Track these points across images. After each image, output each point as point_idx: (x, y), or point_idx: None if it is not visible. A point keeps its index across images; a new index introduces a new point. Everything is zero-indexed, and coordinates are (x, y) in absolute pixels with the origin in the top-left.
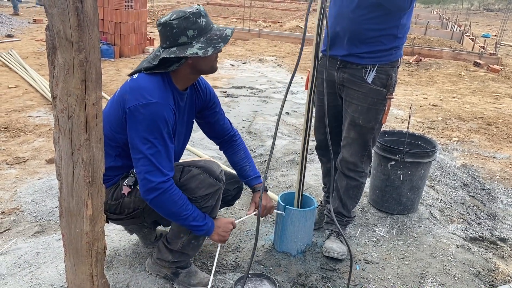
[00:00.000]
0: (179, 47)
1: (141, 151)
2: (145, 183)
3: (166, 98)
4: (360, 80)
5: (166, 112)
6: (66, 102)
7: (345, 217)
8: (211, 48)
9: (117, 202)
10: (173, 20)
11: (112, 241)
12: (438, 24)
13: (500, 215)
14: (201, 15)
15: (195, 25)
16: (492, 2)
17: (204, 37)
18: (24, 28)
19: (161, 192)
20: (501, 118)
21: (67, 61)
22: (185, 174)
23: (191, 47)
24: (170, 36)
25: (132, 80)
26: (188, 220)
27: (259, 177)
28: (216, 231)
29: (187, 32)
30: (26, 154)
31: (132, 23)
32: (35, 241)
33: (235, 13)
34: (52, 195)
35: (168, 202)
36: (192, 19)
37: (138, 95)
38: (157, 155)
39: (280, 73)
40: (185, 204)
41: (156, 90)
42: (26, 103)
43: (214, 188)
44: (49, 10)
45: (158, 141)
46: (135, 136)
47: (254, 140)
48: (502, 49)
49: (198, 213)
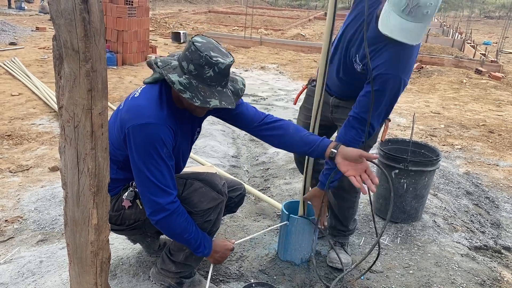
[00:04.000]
0: (176, 66)
1: (143, 172)
2: (152, 204)
3: (164, 117)
4: None
5: (163, 132)
6: (72, 111)
7: (345, 232)
8: (190, 94)
9: (118, 214)
10: (194, 45)
11: (116, 249)
12: (439, 31)
13: (504, 223)
14: (214, 69)
15: (199, 68)
16: (493, 10)
17: (197, 82)
18: (27, 36)
19: (169, 214)
20: (504, 126)
21: (74, 71)
22: (187, 187)
23: (179, 75)
24: (183, 53)
25: (133, 98)
26: (188, 242)
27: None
28: (213, 255)
29: (190, 65)
30: (29, 162)
31: (134, 31)
32: (39, 249)
33: (236, 21)
34: (56, 203)
35: (173, 223)
36: (202, 62)
37: (136, 116)
38: (159, 176)
39: (282, 80)
40: (189, 226)
41: (153, 110)
42: (29, 111)
43: (216, 201)
44: (56, 20)
45: (158, 162)
46: (135, 157)
47: (256, 148)
48: (504, 57)
49: (198, 235)
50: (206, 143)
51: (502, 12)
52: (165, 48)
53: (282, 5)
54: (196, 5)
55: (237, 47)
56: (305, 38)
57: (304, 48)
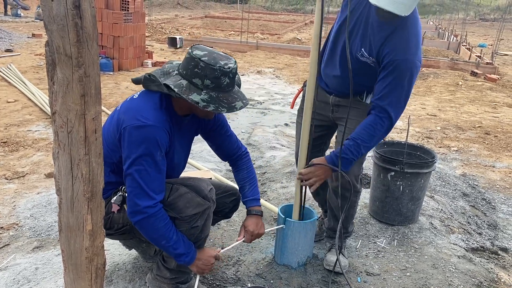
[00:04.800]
0: (190, 85)
1: (131, 172)
2: (132, 205)
3: (162, 120)
4: (358, 101)
5: (159, 135)
6: (66, 117)
7: (343, 234)
8: (214, 106)
9: (107, 217)
10: (201, 61)
11: (111, 255)
12: (435, 34)
13: (501, 224)
14: (228, 76)
15: (216, 80)
16: (488, 12)
17: (216, 93)
18: (23, 43)
19: (145, 217)
20: (499, 127)
21: (67, 77)
22: (173, 193)
23: (198, 93)
24: (190, 70)
25: (131, 99)
26: (166, 249)
27: (256, 199)
28: (195, 263)
29: (205, 80)
30: (25, 168)
31: (130, 36)
32: (34, 256)
33: (233, 26)
34: (51, 210)
35: (151, 227)
36: (218, 74)
37: (134, 117)
38: (146, 178)
39: (279, 84)
40: (168, 232)
41: (151, 112)
42: (25, 117)
43: (202, 207)
44: (49, 26)
45: (149, 164)
46: (128, 157)
47: (253, 152)
48: (499, 59)
49: (179, 244)
50: (203, 147)
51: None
52: (161, 54)
53: (278, 9)
54: (192, 11)
55: (234, 51)
56: (301, 42)
57: (300, 52)
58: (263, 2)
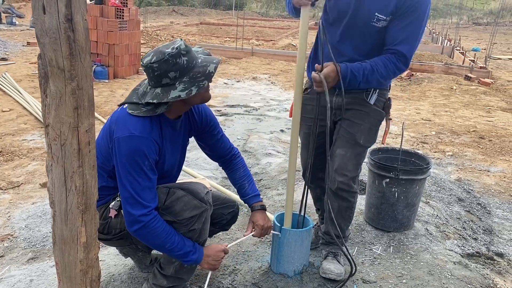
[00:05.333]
0: (163, 88)
1: (123, 182)
2: (127, 215)
3: (149, 130)
4: (363, 101)
5: (146, 146)
6: (59, 130)
7: (339, 239)
8: (195, 87)
9: (105, 222)
10: (153, 63)
11: (107, 266)
12: (429, 39)
13: (496, 229)
14: (181, 54)
15: (176, 66)
16: (481, 16)
17: (187, 76)
18: (18, 51)
19: (142, 225)
20: (494, 131)
21: (59, 89)
22: (170, 196)
23: (174, 89)
24: (153, 78)
25: (122, 109)
26: (173, 251)
27: (258, 195)
28: (205, 260)
29: (169, 74)
30: (20, 178)
31: (126, 44)
32: (29, 268)
33: (228, 32)
34: (47, 220)
35: (150, 235)
36: (172, 60)
37: (122, 127)
38: (137, 187)
39: (274, 90)
40: (169, 236)
41: (139, 123)
42: (20, 127)
43: (199, 210)
44: (41, 39)
45: (138, 173)
46: (118, 167)
47: (249, 159)
48: (492, 62)
49: (184, 243)
50: (199, 155)
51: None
52: None
53: (273, 15)
54: (187, 17)
55: (229, 58)
56: (296, 48)
57: (295, 58)
58: (258, 8)
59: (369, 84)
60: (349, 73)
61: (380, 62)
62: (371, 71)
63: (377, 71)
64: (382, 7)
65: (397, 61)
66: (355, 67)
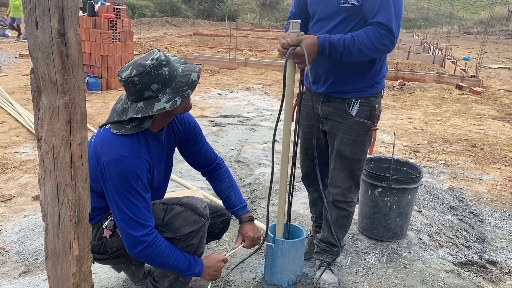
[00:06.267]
0: (145, 102)
1: (118, 205)
2: (128, 238)
3: (137, 149)
4: (345, 113)
5: (137, 165)
6: (51, 143)
7: (335, 247)
8: (179, 97)
9: (100, 243)
10: (134, 77)
11: (100, 279)
12: (420, 48)
13: (488, 237)
14: (162, 65)
15: (158, 77)
16: (471, 26)
17: (170, 87)
18: (11, 63)
19: (146, 246)
20: (485, 140)
21: (52, 103)
22: (169, 212)
23: (157, 101)
24: (135, 92)
25: (105, 130)
26: (176, 267)
27: (245, 206)
28: (206, 271)
29: (151, 86)
30: (12, 191)
31: (119, 55)
32: (21, 282)
33: (221, 43)
34: (39, 233)
35: (155, 254)
36: (154, 72)
37: (109, 149)
38: (134, 209)
39: (267, 100)
40: (171, 252)
41: (127, 142)
42: (13, 139)
43: (198, 225)
44: (34, 54)
45: (133, 195)
46: (111, 191)
47: (242, 169)
48: (483, 71)
49: (184, 257)
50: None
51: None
52: None
53: (266, 26)
54: (180, 28)
55: (222, 68)
56: None
57: None
58: (251, 19)
59: (352, 56)
60: (328, 44)
61: (361, 32)
62: (352, 41)
63: (359, 40)
64: None
65: (379, 30)
66: (334, 38)
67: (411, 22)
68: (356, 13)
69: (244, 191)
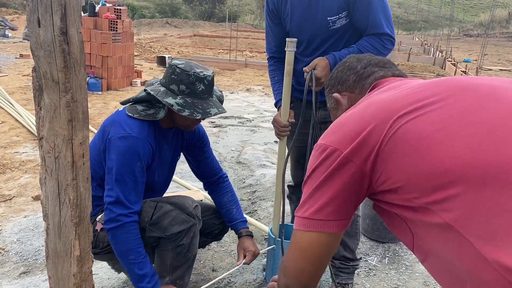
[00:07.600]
0: (166, 90)
1: (111, 180)
2: (108, 212)
3: (146, 132)
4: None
5: (142, 147)
6: (53, 142)
7: (350, 261)
8: (189, 111)
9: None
10: (177, 68)
11: (100, 280)
12: (420, 50)
13: None
14: (204, 82)
15: (191, 85)
16: (471, 28)
17: (191, 99)
18: (11, 64)
19: (119, 225)
20: None
21: (54, 102)
22: (157, 211)
23: (174, 98)
24: (168, 77)
25: (117, 112)
26: (131, 266)
27: (245, 221)
28: None
29: (180, 85)
30: (12, 191)
31: (119, 56)
32: (21, 282)
33: (221, 44)
34: (39, 233)
35: (122, 237)
36: (192, 79)
37: (118, 128)
38: (124, 187)
39: (268, 102)
40: (137, 248)
41: (136, 124)
42: (13, 139)
43: (187, 224)
44: (36, 52)
45: (128, 174)
46: (109, 165)
47: (243, 170)
48: (483, 73)
49: (146, 267)
50: None
51: (481, 30)
52: (150, 73)
53: None
54: (181, 29)
55: (223, 70)
56: None
57: None
58: (252, 20)
59: None
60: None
61: (365, 43)
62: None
63: (366, 51)
64: (329, 9)
65: (382, 39)
66: (342, 55)
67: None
68: (347, 30)
69: (244, 192)
